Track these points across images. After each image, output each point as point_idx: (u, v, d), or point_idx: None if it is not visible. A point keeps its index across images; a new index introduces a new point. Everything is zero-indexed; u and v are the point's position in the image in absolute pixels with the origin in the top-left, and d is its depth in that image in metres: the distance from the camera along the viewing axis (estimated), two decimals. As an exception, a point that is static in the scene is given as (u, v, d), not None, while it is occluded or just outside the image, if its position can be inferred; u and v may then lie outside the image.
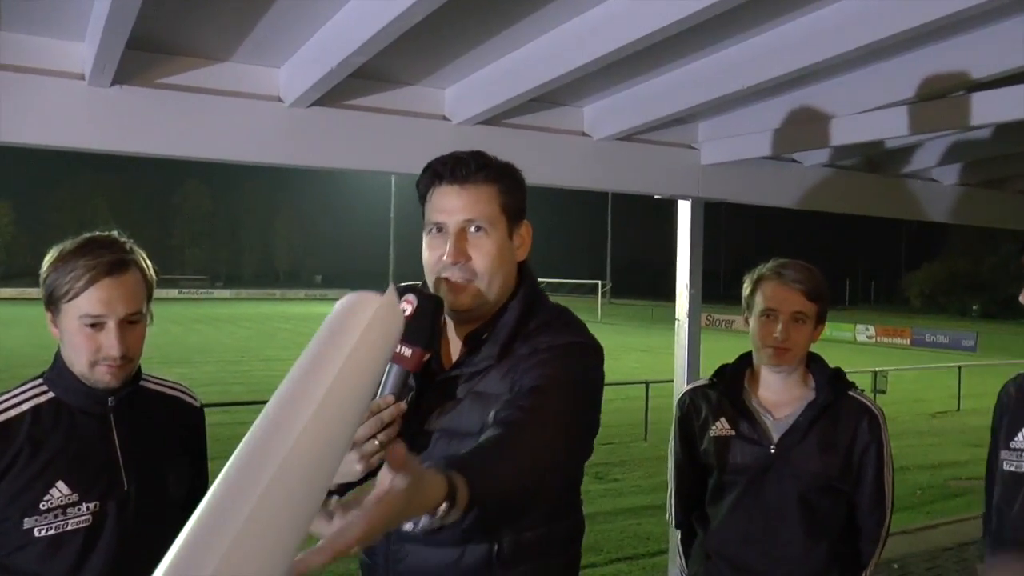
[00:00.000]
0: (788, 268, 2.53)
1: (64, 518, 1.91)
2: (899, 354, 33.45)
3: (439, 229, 1.84)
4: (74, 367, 1.97)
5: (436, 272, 1.83)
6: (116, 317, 1.92)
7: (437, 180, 1.86)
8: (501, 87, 3.40)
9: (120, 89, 3.06)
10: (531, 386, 1.70)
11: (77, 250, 1.94)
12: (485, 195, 1.85)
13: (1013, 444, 2.12)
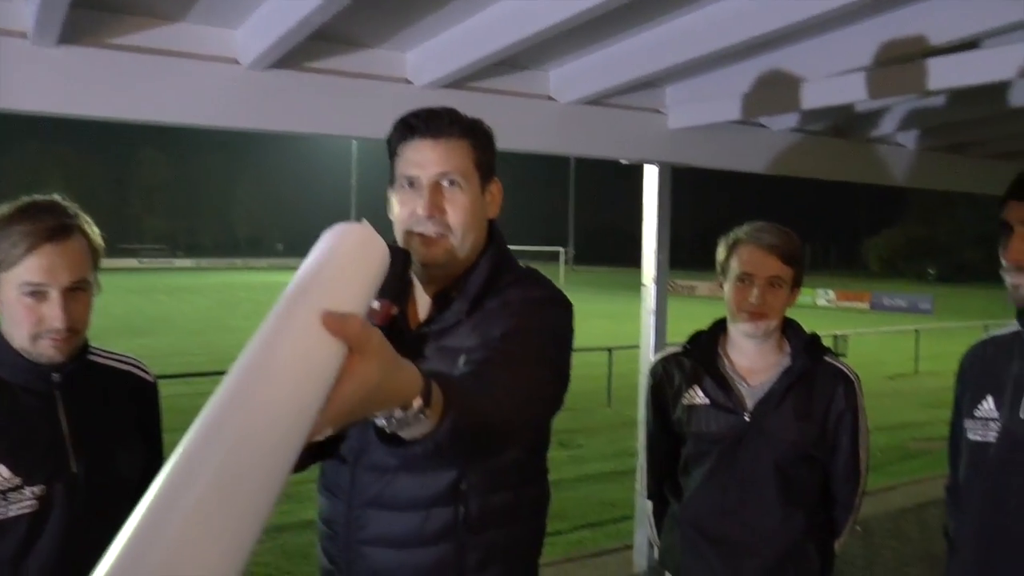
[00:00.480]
0: (764, 232, 2.45)
1: (6, 504, 1.79)
2: (858, 318, 33.83)
3: (411, 183, 1.77)
4: (14, 341, 1.84)
5: (408, 226, 1.77)
6: (59, 286, 1.79)
7: (410, 133, 1.78)
8: (465, 50, 3.32)
9: (67, 49, 2.93)
10: (501, 332, 1.67)
11: (14, 215, 1.80)
12: (459, 149, 1.79)
13: (977, 413, 2.06)
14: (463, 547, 1.81)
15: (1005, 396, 1.99)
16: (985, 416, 2.03)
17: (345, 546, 1.88)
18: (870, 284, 56.47)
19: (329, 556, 1.95)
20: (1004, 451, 1.97)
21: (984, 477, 2.03)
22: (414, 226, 1.76)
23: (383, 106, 3.54)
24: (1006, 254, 1.91)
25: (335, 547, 1.91)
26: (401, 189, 1.79)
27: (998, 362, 2.06)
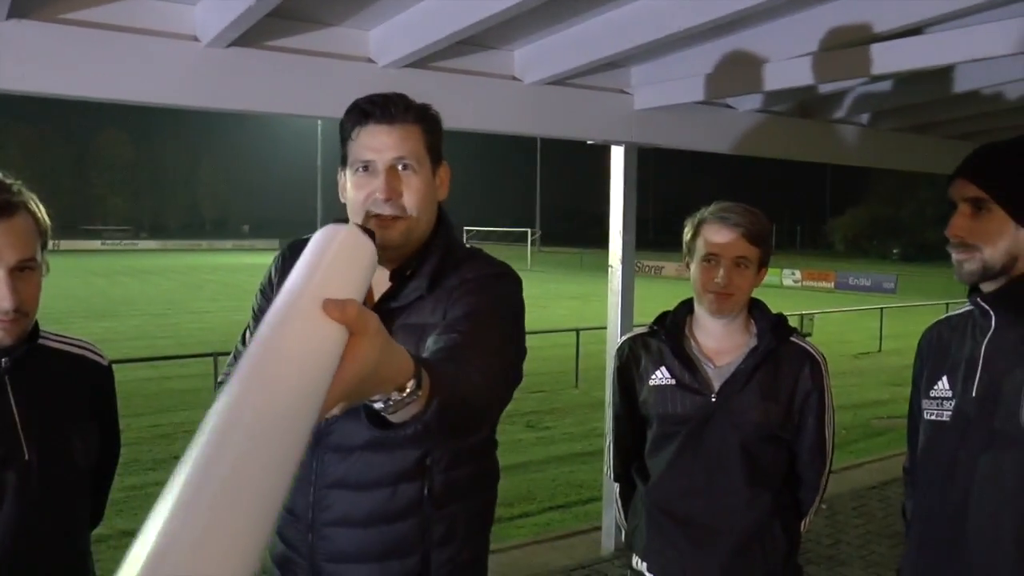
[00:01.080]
0: (730, 212, 2.43)
1: None
2: (824, 297, 34.14)
3: (367, 167, 1.82)
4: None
5: (364, 208, 1.81)
6: (5, 265, 1.72)
7: (365, 119, 1.82)
8: (428, 28, 3.27)
9: (17, 23, 2.85)
10: (464, 312, 1.73)
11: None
12: (412, 134, 1.84)
13: (933, 393, 2.07)
14: (428, 521, 1.87)
15: (958, 375, 2.00)
16: (940, 395, 2.04)
17: (307, 529, 1.89)
18: (835, 264, 57.02)
19: (288, 542, 1.94)
20: (956, 429, 1.99)
21: (938, 455, 2.04)
22: (372, 208, 1.79)
23: (346, 86, 3.48)
24: (947, 230, 1.95)
25: (296, 531, 1.92)
26: (357, 173, 1.82)
27: (953, 342, 2.07)
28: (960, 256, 1.95)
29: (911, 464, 2.27)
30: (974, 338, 2.00)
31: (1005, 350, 1.92)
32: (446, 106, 3.80)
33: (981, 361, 1.95)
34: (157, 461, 9.01)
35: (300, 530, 1.90)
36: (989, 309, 1.96)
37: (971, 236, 1.93)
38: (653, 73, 4.24)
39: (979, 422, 1.94)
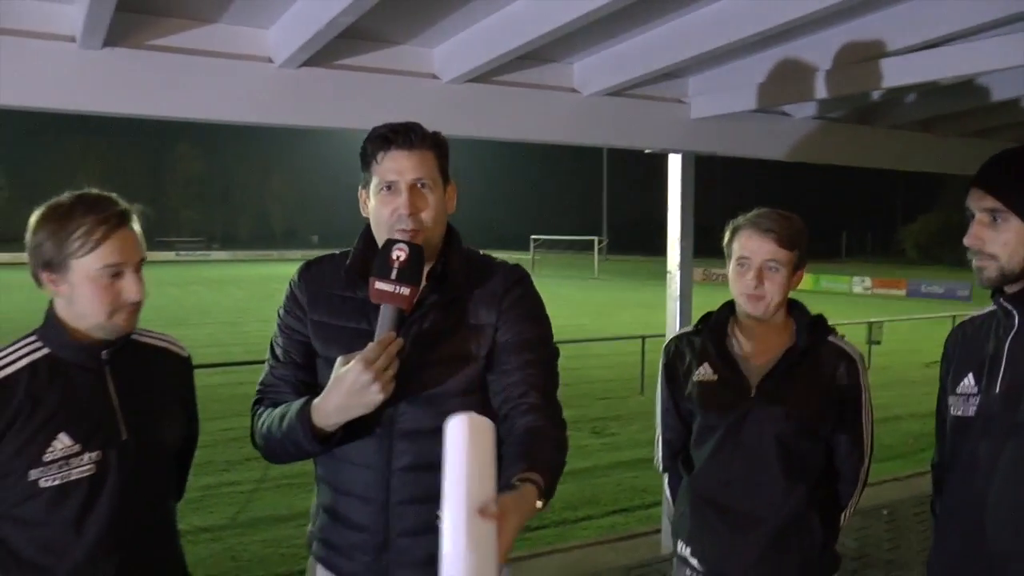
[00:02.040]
0: (763, 217, 2.54)
1: (68, 468, 1.98)
2: (895, 305, 33.58)
3: (390, 188, 2.08)
4: (87, 319, 2.02)
5: (390, 224, 2.07)
6: (132, 264, 2.02)
7: (387, 145, 2.08)
8: (490, 45, 3.42)
9: (111, 51, 3.08)
10: (536, 336, 2.19)
11: (76, 209, 1.98)
12: (428, 158, 2.11)
13: (959, 390, 2.14)
14: None
15: (983, 372, 2.08)
16: (966, 392, 2.11)
17: (381, 508, 2.12)
18: (907, 271, 55.91)
19: (353, 525, 2.16)
20: (980, 424, 2.06)
21: (963, 449, 2.12)
22: (396, 224, 2.06)
23: (411, 101, 3.67)
24: (965, 239, 2.04)
25: (366, 513, 2.13)
26: (380, 193, 2.09)
27: (977, 341, 2.15)
28: (979, 263, 2.04)
29: (939, 460, 2.34)
30: (998, 336, 2.08)
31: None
32: (508, 118, 4.00)
33: (1005, 359, 2.03)
34: (230, 463, 9.32)
35: (371, 511, 2.11)
36: (1012, 309, 2.04)
37: (989, 245, 2.01)
38: (709, 82, 4.34)
39: (1002, 417, 2.01)
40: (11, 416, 1.94)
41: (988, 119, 5.30)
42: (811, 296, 34.58)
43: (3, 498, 1.98)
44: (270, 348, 2.27)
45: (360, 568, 2.18)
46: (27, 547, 2.00)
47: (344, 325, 2.15)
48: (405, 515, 2.11)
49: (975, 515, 2.08)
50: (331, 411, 1.96)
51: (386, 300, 1.95)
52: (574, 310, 28.48)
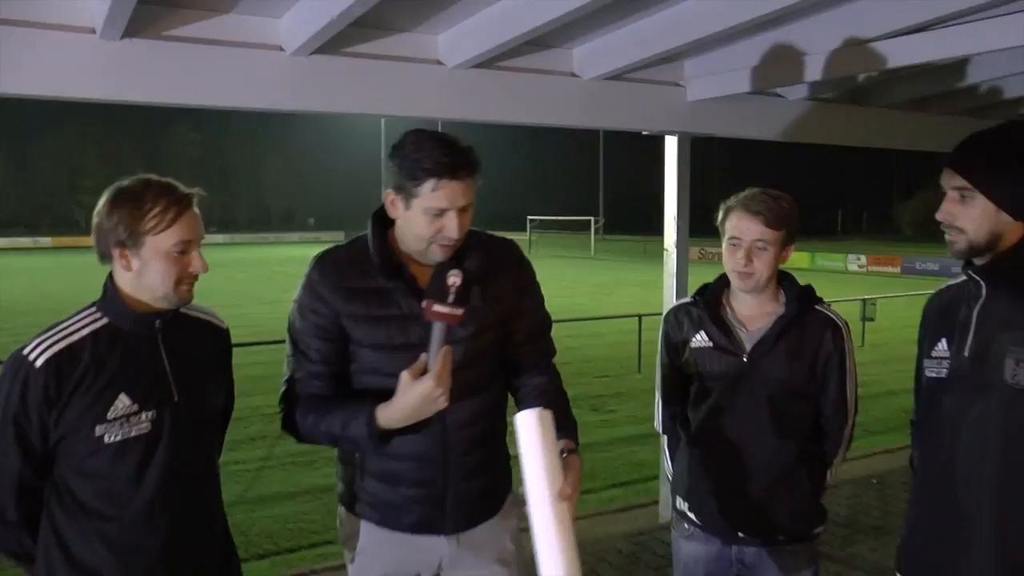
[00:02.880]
0: (752, 199, 2.73)
1: (128, 426, 2.20)
2: (889, 282, 33.73)
3: (442, 213, 2.28)
4: (154, 291, 2.22)
5: (430, 239, 2.31)
6: (198, 241, 2.27)
7: (448, 175, 2.25)
8: (494, 32, 3.55)
9: (130, 42, 3.21)
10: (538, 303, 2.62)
11: (149, 191, 2.20)
12: (473, 184, 2.33)
13: (934, 353, 2.32)
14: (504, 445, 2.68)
15: (955, 337, 2.25)
16: (940, 356, 2.30)
17: (442, 464, 2.47)
18: (903, 248, 56.04)
19: (417, 482, 2.47)
20: (951, 385, 2.24)
21: (935, 408, 2.31)
22: (439, 240, 2.31)
23: (417, 86, 3.79)
24: (937, 215, 2.25)
25: (427, 471, 2.47)
26: (429, 212, 2.28)
27: (951, 308, 2.33)
28: (950, 237, 2.24)
29: (916, 418, 2.52)
30: (968, 305, 2.25)
31: (993, 316, 2.18)
32: (510, 103, 4.13)
33: (973, 325, 2.21)
34: (236, 442, 9.46)
35: (432, 468, 2.47)
36: (980, 280, 2.21)
37: (958, 220, 2.21)
38: (705, 66, 4.46)
39: (970, 377, 2.20)
40: (79, 377, 2.15)
41: (979, 98, 5.43)
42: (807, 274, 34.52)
43: (72, 452, 2.19)
44: (293, 344, 2.46)
45: (419, 518, 2.50)
46: (92, 497, 2.22)
47: (379, 314, 2.37)
48: (464, 464, 2.48)
49: (945, 467, 2.27)
50: (401, 419, 2.25)
51: (443, 320, 2.22)
52: (572, 290, 28.61)
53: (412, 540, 2.53)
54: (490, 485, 2.62)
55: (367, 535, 2.56)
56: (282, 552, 6.61)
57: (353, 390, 2.44)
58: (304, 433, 2.44)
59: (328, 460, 9.13)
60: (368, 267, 2.40)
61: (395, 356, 2.34)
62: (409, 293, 2.37)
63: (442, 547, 2.55)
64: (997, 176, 2.17)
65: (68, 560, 2.23)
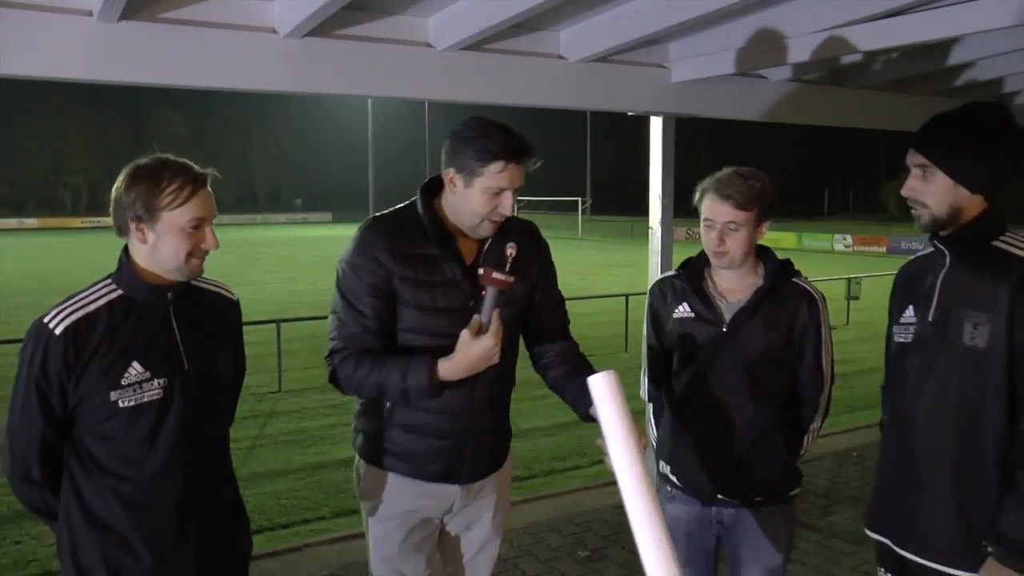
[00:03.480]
0: (723, 183, 2.87)
1: (141, 392, 2.33)
2: (875, 261, 33.98)
3: (500, 192, 2.57)
4: (167, 263, 2.35)
5: (484, 215, 2.61)
6: (210, 218, 2.40)
7: (515, 159, 2.56)
8: (482, 15, 3.61)
9: (126, 24, 3.26)
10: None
11: (167, 169, 2.33)
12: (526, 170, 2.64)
13: (903, 320, 2.50)
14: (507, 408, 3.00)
15: (920, 303, 2.39)
16: (907, 322, 2.47)
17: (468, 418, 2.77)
18: (889, 228, 56.37)
19: (444, 435, 2.75)
20: (915, 349, 2.39)
21: (901, 371, 2.47)
22: (492, 217, 2.62)
23: (407, 68, 3.87)
24: (902, 190, 2.41)
25: (457, 424, 2.76)
26: (489, 191, 2.57)
27: (919, 277, 2.47)
28: (915, 212, 2.40)
29: (886, 383, 2.65)
30: (934, 273, 2.40)
31: (955, 284, 2.33)
32: (499, 84, 4.22)
33: (937, 292, 2.36)
34: (229, 421, 9.54)
35: (459, 421, 2.76)
36: (944, 249, 2.35)
37: (920, 195, 2.37)
38: (689, 48, 4.54)
39: (932, 342, 2.35)
40: (95, 345, 2.28)
41: (958, 79, 5.52)
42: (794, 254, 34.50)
43: (90, 416, 2.32)
44: (345, 302, 2.62)
45: (441, 468, 2.78)
46: (109, 458, 2.36)
47: (427, 279, 2.63)
48: (483, 420, 2.80)
49: (908, 425, 2.42)
50: (459, 372, 2.54)
51: (497, 285, 2.52)
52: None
53: (431, 488, 2.81)
54: (500, 440, 2.94)
55: (389, 483, 2.81)
56: (275, 528, 6.73)
57: (396, 347, 2.67)
58: (353, 384, 2.65)
59: (319, 439, 9.26)
60: (417, 235, 2.65)
61: (437, 318, 2.62)
62: (455, 261, 2.65)
63: (455, 495, 2.85)
64: (953, 153, 2.32)
65: (86, 516, 2.38)
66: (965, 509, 2.35)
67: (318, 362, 2.90)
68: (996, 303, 2.22)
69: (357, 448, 2.91)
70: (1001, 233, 2.34)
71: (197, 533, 2.48)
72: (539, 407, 10.31)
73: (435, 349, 2.57)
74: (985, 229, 2.33)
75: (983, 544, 2.31)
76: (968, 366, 2.28)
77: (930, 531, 2.43)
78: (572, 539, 5.46)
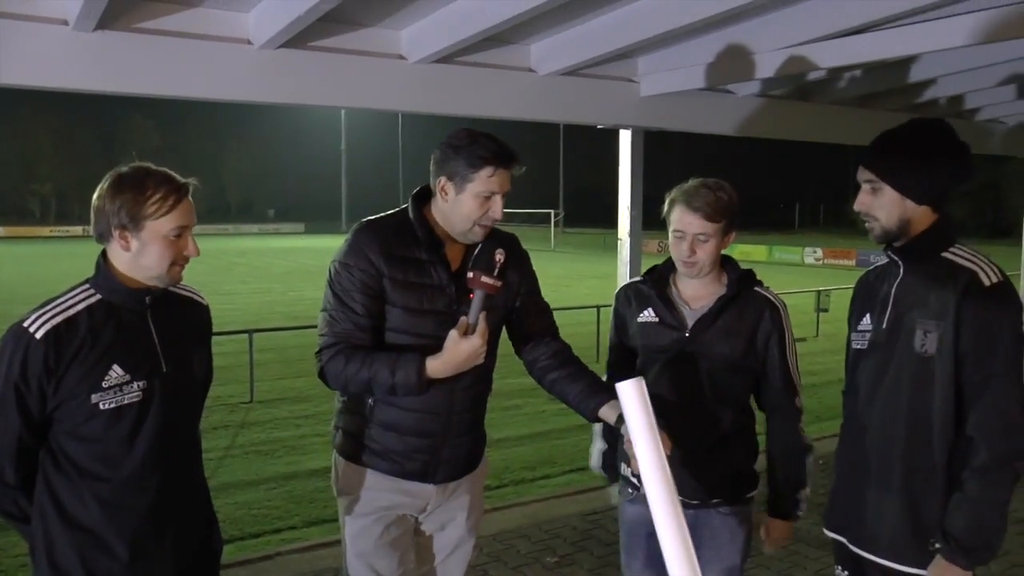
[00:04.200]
0: (692, 195, 2.95)
1: (122, 394, 2.37)
2: (845, 275, 34.25)
3: (489, 196, 2.69)
4: (149, 271, 2.40)
5: (476, 220, 2.72)
6: (191, 227, 2.45)
7: (504, 164, 2.69)
8: (454, 28, 3.68)
9: (102, 34, 3.30)
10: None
11: (150, 179, 2.37)
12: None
13: (860, 327, 2.62)
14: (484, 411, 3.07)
15: (876, 311, 2.50)
16: (864, 329, 2.57)
17: (447, 417, 2.85)
18: (858, 242, 56.93)
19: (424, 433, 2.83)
20: (871, 353, 2.50)
21: (858, 375, 2.58)
22: (483, 222, 2.73)
23: (381, 80, 3.92)
24: (854, 205, 2.55)
25: (434, 423, 2.83)
26: (480, 196, 2.69)
27: (875, 286, 2.57)
28: (868, 225, 2.52)
29: (845, 389, 2.75)
30: (889, 283, 2.51)
31: (908, 293, 2.44)
32: (470, 96, 4.28)
33: (891, 300, 2.46)
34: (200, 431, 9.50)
35: (439, 421, 2.84)
36: (898, 260, 2.45)
37: (871, 209, 2.50)
38: (658, 63, 4.63)
39: (885, 348, 2.47)
40: (76, 348, 2.31)
41: (919, 96, 5.66)
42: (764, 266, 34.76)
43: (69, 418, 2.35)
44: (337, 300, 2.71)
45: (418, 466, 2.87)
46: (88, 460, 2.39)
47: (415, 281, 2.74)
48: (461, 421, 2.89)
49: (862, 426, 2.53)
50: (447, 370, 2.63)
51: (486, 288, 2.62)
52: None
53: (407, 486, 2.89)
54: (475, 442, 3.02)
55: (367, 480, 2.89)
56: (246, 537, 6.72)
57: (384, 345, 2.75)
58: (342, 379, 2.70)
59: (290, 450, 9.25)
60: (408, 239, 2.75)
61: (423, 319, 2.73)
62: (443, 266, 2.76)
63: (430, 494, 2.93)
64: (899, 168, 2.45)
65: (63, 518, 2.40)
66: (914, 508, 2.47)
67: (290, 373, 2.96)
68: (944, 312, 2.33)
69: (336, 445, 2.97)
70: (950, 245, 2.46)
71: (173, 532, 2.52)
72: (510, 417, 10.36)
73: (420, 349, 2.66)
74: (934, 241, 2.45)
75: (931, 542, 2.42)
76: (918, 371, 2.40)
77: (882, 529, 2.55)
78: (541, 545, 5.51)
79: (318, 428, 10.07)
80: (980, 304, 2.31)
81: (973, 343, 2.32)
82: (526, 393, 11.23)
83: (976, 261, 2.39)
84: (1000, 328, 2.30)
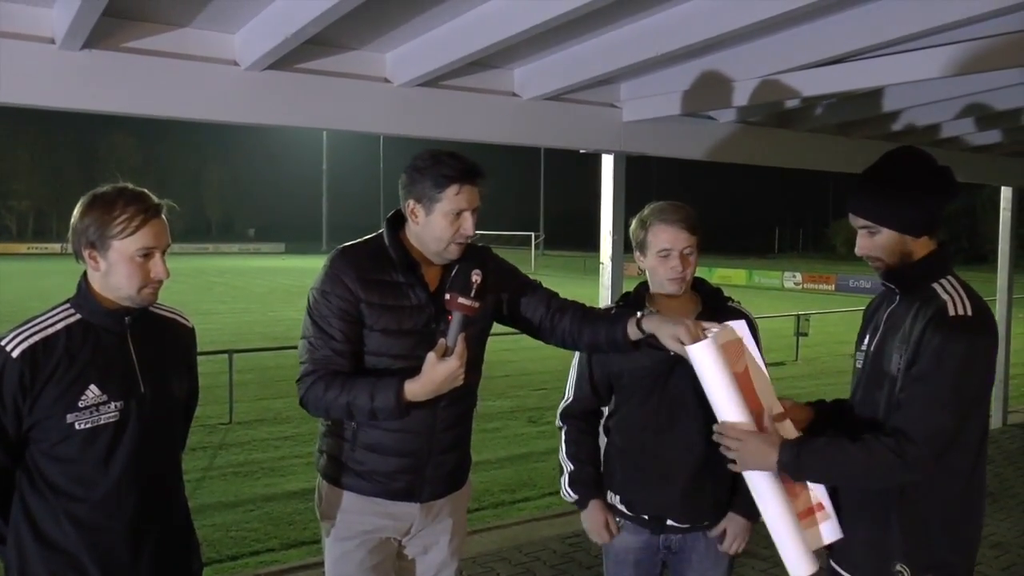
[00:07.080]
0: (670, 212, 3.00)
1: (98, 414, 2.36)
2: (824, 299, 34.56)
3: (459, 214, 2.70)
4: (120, 291, 2.38)
5: (449, 238, 2.73)
6: (161, 248, 2.41)
7: (468, 180, 2.71)
8: (438, 52, 3.73)
9: (89, 53, 3.32)
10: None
11: (121, 198, 2.35)
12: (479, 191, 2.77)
13: (861, 347, 2.71)
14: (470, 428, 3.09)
15: (870, 333, 2.62)
16: (863, 350, 2.68)
17: (429, 436, 2.84)
18: (837, 267, 57.40)
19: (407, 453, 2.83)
20: (861, 374, 2.65)
21: (851, 395, 2.66)
22: (456, 240, 2.74)
23: (365, 103, 3.96)
24: (856, 250, 2.61)
25: (417, 442, 2.83)
26: (450, 215, 2.70)
27: (877, 308, 2.69)
28: (873, 265, 2.59)
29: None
30: (885, 307, 2.61)
31: (895, 318, 2.53)
32: (454, 120, 4.32)
33: (882, 324, 2.55)
34: (178, 451, 9.44)
35: (421, 440, 2.84)
36: (893, 287, 2.56)
37: (872, 252, 2.55)
38: (640, 89, 4.69)
39: (870, 367, 2.57)
40: (53, 368, 2.31)
41: (894, 124, 5.76)
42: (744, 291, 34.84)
43: (45, 438, 2.35)
44: (316, 327, 2.72)
45: (403, 486, 2.86)
46: (63, 479, 2.38)
47: (392, 304, 2.74)
48: (444, 439, 2.89)
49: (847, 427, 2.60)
50: (425, 392, 2.61)
51: (463, 311, 2.59)
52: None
53: (392, 508, 2.89)
54: (459, 461, 3.03)
55: (351, 503, 2.88)
56: (224, 560, 6.67)
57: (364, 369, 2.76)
58: (323, 405, 2.71)
59: (269, 471, 9.20)
60: (384, 263, 2.77)
61: (402, 340, 2.73)
62: (420, 287, 2.77)
63: (414, 513, 2.93)
64: (891, 208, 2.49)
65: (37, 538, 2.39)
66: (875, 527, 2.53)
67: (269, 394, 2.96)
68: (910, 336, 2.40)
69: (320, 468, 2.97)
70: (944, 275, 2.50)
71: (149, 554, 2.51)
72: (490, 440, 10.34)
73: (400, 371, 2.67)
74: (926, 270, 2.51)
75: (893, 563, 2.47)
76: (888, 391, 2.47)
77: (848, 542, 2.60)
78: (521, 568, 5.50)
79: (297, 449, 10.02)
80: (938, 332, 2.35)
81: (923, 364, 2.37)
82: (505, 416, 11.25)
83: (952, 293, 2.43)
84: (950, 354, 2.33)
